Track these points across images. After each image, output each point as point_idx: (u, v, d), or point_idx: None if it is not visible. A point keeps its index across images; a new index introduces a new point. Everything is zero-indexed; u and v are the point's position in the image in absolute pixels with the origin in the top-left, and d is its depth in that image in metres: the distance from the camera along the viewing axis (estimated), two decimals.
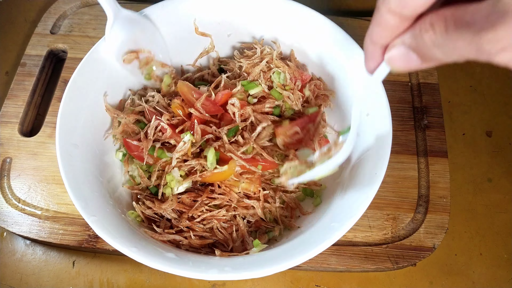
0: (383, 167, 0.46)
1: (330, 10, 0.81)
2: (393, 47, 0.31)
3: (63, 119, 0.50)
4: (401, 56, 0.31)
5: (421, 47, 0.29)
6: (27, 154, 0.63)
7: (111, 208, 0.49)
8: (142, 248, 0.43)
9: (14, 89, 0.68)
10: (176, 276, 0.57)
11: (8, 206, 0.59)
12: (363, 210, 0.43)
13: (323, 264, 0.56)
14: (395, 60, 0.32)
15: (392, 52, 0.32)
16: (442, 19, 0.26)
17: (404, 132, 0.65)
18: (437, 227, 0.58)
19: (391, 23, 0.30)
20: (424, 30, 0.28)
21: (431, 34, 0.27)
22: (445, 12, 0.26)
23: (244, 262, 0.44)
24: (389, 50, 0.32)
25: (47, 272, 0.59)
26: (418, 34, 0.29)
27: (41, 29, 0.74)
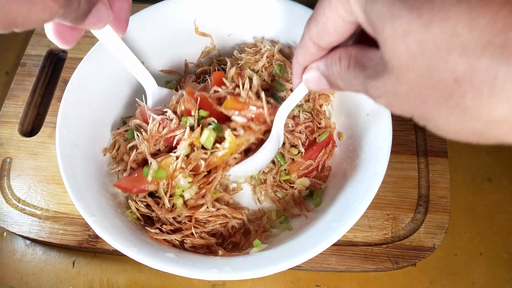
0: (383, 167, 0.46)
1: None
2: (310, 69, 0.37)
3: (63, 119, 0.50)
4: (314, 79, 0.36)
5: (330, 76, 0.34)
6: (27, 154, 0.63)
7: (111, 208, 0.49)
8: (142, 248, 0.43)
9: (14, 89, 0.68)
10: (176, 276, 0.57)
11: (8, 206, 0.59)
12: (363, 210, 0.43)
13: (323, 264, 0.56)
14: (309, 81, 0.37)
15: (308, 74, 0.37)
16: (347, 56, 0.31)
17: (404, 132, 0.65)
18: (437, 227, 0.58)
19: (311, 50, 0.35)
20: (333, 62, 0.33)
21: (338, 67, 0.33)
22: (352, 50, 0.31)
23: (244, 262, 0.44)
24: (306, 72, 0.38)
25: (47, 272, 0.59)
26: (329, 64, 0.34)
27: (41, 29, 0.74)
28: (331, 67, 0.34)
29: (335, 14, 0.29)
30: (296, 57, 0.38)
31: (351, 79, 0.31)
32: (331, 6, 0.29)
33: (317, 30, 0.32)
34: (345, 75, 0.32)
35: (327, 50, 0.34)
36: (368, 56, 0.29)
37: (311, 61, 0.36)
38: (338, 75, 0.33)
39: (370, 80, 0.28)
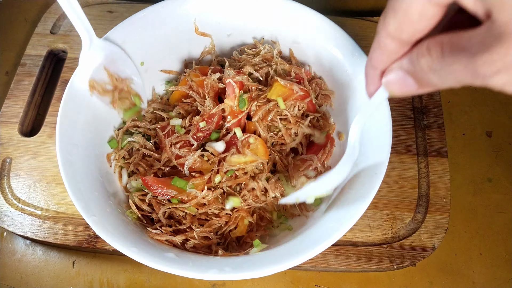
0: (383, 167, 0.46)
1: (330, 10, 0.80)
2: (391, 71, 0.32)
3: (63, 119, 0.50)
4: (398, 80, 0.31)
5: (417, 72, 0.29)
6: (27, 154, 0.63)
7: (111, 208, 0.49)
8: (142, 248, 0.43)
9: (14, 89, 0.68)
10: (176, 276, 0.57)
11: (8, 206, 0.59)
12: (363, 210, 0.44)
13: (323, 264, 0.56)
14: (392, 84, 0.32)
15: (390, 76, 0.32)
16: (438, 44, 0.27)
17: (404, 132, 0.65)
18: (437, 227, 0.58)
19: (389, 48, 0.30)
20: (420, 54, 0.28)
21: (428, 58, 0.28)
22: (442, 37, 0.27)
23: (244, 262, 0.44)
24: (386, 74, 0.32)
25: (47, 272, 0.59)
26: (415, 59, 0.29)
27: (41, 29, 0.74)
28: (418, 61, 0.28)
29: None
30: (370, 61, 0.33)
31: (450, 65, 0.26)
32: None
33: (397, 21, 0.28)
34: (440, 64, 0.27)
35: (409, 45, 0.30)
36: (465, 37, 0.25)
37: (389, 63, 0.32)
38: (429, 68, 0.28)
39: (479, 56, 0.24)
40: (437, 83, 0.28)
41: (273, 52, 0.60)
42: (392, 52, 0.31)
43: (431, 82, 0.29)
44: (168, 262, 0.41)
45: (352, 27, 0.74)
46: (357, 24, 0.75)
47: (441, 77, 0.27)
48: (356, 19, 0.75)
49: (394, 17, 0.28)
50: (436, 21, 0.27)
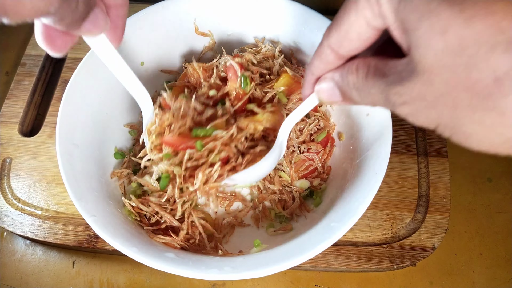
0: (383, 167, 0.46)
1: (330, 10, 0.80)
2: (324, 80, 0.35)
3: (63, 119, 0.50)
4: (327, 89, 0.35)
5: (344, 86, 0.33)
6: (27, 154, 0.63)
7: (111, 208, 0.49)
8: (142, 248, 0.43)
9: (14, 89, 0.68)
10: (176, 276, 0.57)
11: (8, 206, 0.59)
12: (363, 210, 0.43)
13: (323, 264, 0.56)
14: (322, 92, 0.36)
15: (321, 85, 0.35)
16: (366, 66, 0.30)
17: (404, 132, 0.65)
18: (437, 227, 0.58)
19: (328, 58, 0.33)
20: (350, 72, 0.31)
21: (354, 77, 0.31)
22: (370, 60, 0.30)
23: (244, 262, 0.44)
24: (319, 82, 0.36)
25: (47, 272, 0.59)
26: (345, 74, 0.32)
27: None
28: (346, 77, 0.32)
29: (361, 17, 0.28)
30: (310, 66, 0.36)
31: (369, 88, 0.29)
32: (358, 9, 0.28)
33: (338, 36, 0.31)
34: (362, 84, 0.30)
35: (345, 59, 0.33)
36: (389, 65, 0.28)
37: (325, 71, 0.35)
38: (353, 86, 0.31)
39: (393, 86, 0.27)
40: (357, 100, 0.32)
41: (274, 50, 0.60)
42: (329, 62, 0.34)
43: (353, 98, 0.32)
44: (168, 262, 0.41)
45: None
46: None
47: (361, 96, 0.31)
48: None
49: (336, 32, 0.31)
50: (370, 42, 0.30)
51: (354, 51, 0.31)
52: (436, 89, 0.24)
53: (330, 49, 0.32)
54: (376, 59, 0.29)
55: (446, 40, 0.22)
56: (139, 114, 0.62)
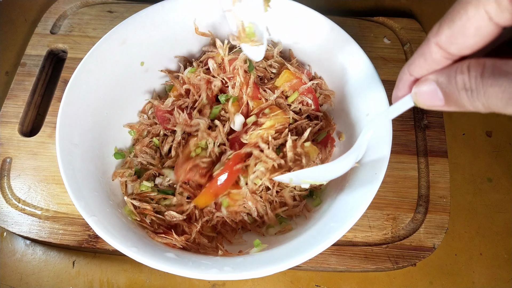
0: (383, 167, 0.46)
1: (330, 10, 0.81)
2: (425, 81, 0.31)
3: (63, 119, 0.50)
4: (428, 92, 0.31)
5: (450, 88, 0.29)
6: (27, 154, 0.63)
7: (111, 208, 0.49)
8: (142, 248, 0.43)
9: (14, 89, 0.68)
10: (176, 276, 0.57)
11: (8, 206, 0.59)
12: (363, 210, 0.43)
13: (323, 264, 0.56)
14: (423, 95, 0.32)
15: (422, 87, 0.32)
16: (480, 65, 0.27)
17: (404, 132, 0.65)
18: (437, 227, 0.58)
19: (434, 57, 0.30)
20: (459, 71, 0.28)
21: (465, 76, 0.27)
22: (485, 60, 0.27)
23: (244, 262, 0.44)
24: (419, 84, 0.32)
25: (47, 272, 0.59)
26: (453, 75, 0.29)
27: (41, 29, 0.74)
28: (455, 78, 0.28)
29: (482, 11, 0.25)
30: (408, 66, 0.33)
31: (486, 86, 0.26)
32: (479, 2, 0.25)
33: (451, 31, 0.28)
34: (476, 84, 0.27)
35: (454, 59, 0.30)
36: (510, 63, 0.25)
37: (428, 72, 0.31)
38: (463, 86, 0.28)
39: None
40: (465, 103, 0.28)
41: (273, 51, 0.60)
42: (434, 62, 0.30)
43: (460, 101, 0.29)
44: (168, 262, 0.41)
45: (352, 27, 0.74)
46: (357, 24, 0.75)
47: (472, 98, 0.27)
48: (356, 19, 0.75)
49: (449, 27, 0.28)
50: (488, 40, 0.27)
51: (468, 50, 0.28)
52: None
53: (438, 46, 0.29)
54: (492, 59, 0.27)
55: None
56: (138, 114, 0.62)
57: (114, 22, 0.69)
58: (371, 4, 0.83)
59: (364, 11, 0.82)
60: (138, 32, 0.58)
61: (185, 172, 0.53)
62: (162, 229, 0.51)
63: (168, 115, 0.58)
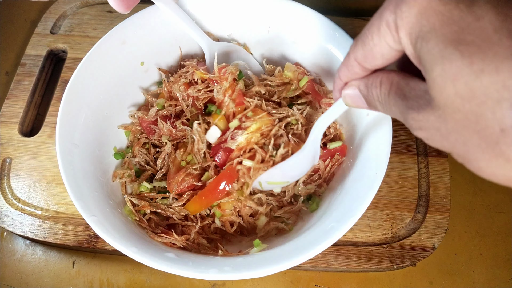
0: (383, 167, 0.46)
1: (330, 10, 0.80)
2: (350, 86, 0.38)
3: (63, 119, 0.50)
4: (353, 96, 0.38)
5: (368, 97, 0.36)
6: (27, 154, 0.63)
7: (111, 208, 0.49)
8: (142, 248, 0.43)
9: (14, 89, 0.68)
10: (176, 276, 0.57)
11: (8, 206, 0.59)
12: (363, 210, 0.43)
13: (323, 264, 0.56)
14: (348, 97, 0.39)
15: (348, 91, 0.38)
16: (389, 82, 0.32)
17: (404, 132, 0.65)
18: (437, 227, 0.58)
19: (354, 69, 0.35)
20: (374, 85, 0.34)
21: (378, 91, 0.34)
22: (394, 76, 0.32)
23: (244, 262, 0.44)
24: (346, 87, 0.39)
25: (47, 272, 0.59)
26: (369, 86, 0.35)
27: (41, 29, 0.74)
28: (371, 90, 0.35)
29: (383, 41, 0.30)
30: (338, 72, 0.39)
31: (391, 105, 0.32)
32: (380, 33, 0.30)
33: (363, 52, 0.32)
34: (385, 100, 0.33)
35: (370, 71, 0.35)
36: (410, 85, 0.30)
37: (352, 78, 0.37)
38: (377, 99, 0.34)
39: (411, 111, 0.29)
40: (381, 111, 0.34)
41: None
42: (355, 73, 0.36)
43: (377, 108, 0.35)
44: (168, 262, 0.41)
45: (352, 27, 0.74)
46: (357, 24, 0.75)
47: (383, 108, 0.34)
48: (356, 19, 0.75)
49: (362, 48, 0.33)
50: (393, 60, 0.32)
51: (379, 66, 0.33)
52: (449, 126, 0.26)
53: (356, 62, 0.34)
54: (399, 75, 0.31)
55: (457, 87, 0.24)
56: (128, 116, 0.61)
57: (114, 22, 0.69)
58: (371, 4, 0.83)
59: (364, 11, 0.82)
60: (138, 32, 0.58)
61: (178, 184, 0.53)
62: (162, 229, 0.52)
63: (153, 126, 0.58)
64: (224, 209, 0.53)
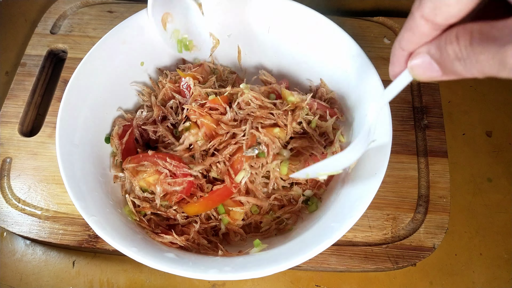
0: (383, 167, 0.46)
1: (330, 10, 0.81)
2: (418, 55, 0.32)
3: (63, 119, 0.50)
4: (424, 65, 0.31)
5: (444, 59, 0.29)
6: (27, 154, 0.63)
7: (111, 208, 0.49)
8: (142, 248, 0.43)
9: (14, 89, 0.68)
10: (176, 276, 0.57)
11: (8, 206, 0.59)
12: (363, 210, 0.43)
13: (323, 264, 0.56)
14: (417, 68, 0.32)
15: (416, 60, 0.32)
16: (468, 32, 0.27)
17: (404, 132, 0.65)
18: (437, 227, 0.58)
19: (422, 29, 0.30)
20: (449, 41, 0.28)
21: (455, 46, 0.28)
22: (472, 26, 0.27)
23: (244, 262, 0.44)
24: (413, 58, 0.32)
25: (47, 272, 0.59)
26: (443, 45, 0.29)
27: (41, 29, 0.74)
28: (445, 49, 0.29)
29: None
30: (399, 41, 0.33)
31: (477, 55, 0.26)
32: None
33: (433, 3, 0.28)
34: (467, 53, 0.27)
35: (442, 29, 0.29)
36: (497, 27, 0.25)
37: (418, 45, 0.32)
38: (455, 56, 0.28)
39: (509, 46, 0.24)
40: (461, 72, 0.28)
41: None
42: (423, 34, 0.30)
43: (456, 71, 0.29)
44: (168, 262, 0.41)
45: (352, 27, 0.74)
46: (357, 24, 0.75)
47: (466, 66, 0.27)
48: (356, 19, 0.76)
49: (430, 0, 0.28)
50: (472, 6, 0.27)
51: (453, 18, 0.28)
52: None
53: (424, 19, 0.29)
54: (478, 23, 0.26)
55: None
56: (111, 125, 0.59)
57: (114, 22, 0.69)
58: (371, 4, 0.83)
59: (364, 11, 0.82)
60: (138, 32, 0.58)
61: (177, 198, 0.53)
62: (161, 229, 0.51)
63: None
64: (235, 218, 0.53)
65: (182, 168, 0.51)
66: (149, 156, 0.52)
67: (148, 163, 0.52)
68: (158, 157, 0.52)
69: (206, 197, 0.52)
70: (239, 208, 0.53)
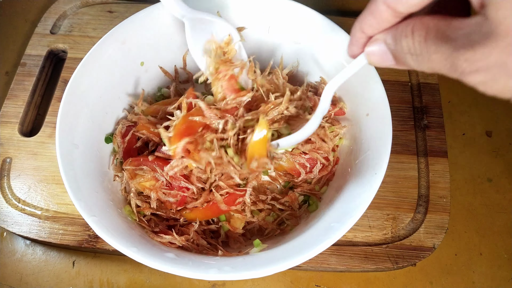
0: (383, 167, 0.46)
1: (330, 10, 0.81)
2: (375, 41, 0.32)
3: (63, 119, 0.50)
4: (379, 53, 0.32)
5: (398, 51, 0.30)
6: (27, 154, 0.63)
7: (111, 208, 0.49)
8: (142, 248, 0.43)
9: (14, 89, 0.68)
10: (176, 276, 0.57)
11: (8, 206, 0.59)
12: (363, 210, 0.43)
13: (323, 264, 0.56)
14: (373, 55, 0.33)
15: (372, 48, 0.33)
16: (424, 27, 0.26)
17: (404, 132, 0.65)
18: (437, 227, 0.58)
19: (383, 15, 0.30)
20: (404, 34, 0.28)
21: (409, 40, 0.28)
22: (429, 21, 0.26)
23: (244, 262, 0.44)
24: (370, 44, 0.33)
25: (47, 272, 0.59)
26: (398, 37, 0.29)
27: (41, 29, 0.74)
28: (400, 42, 0.29)
29: None
30: (360, 23, 0.33)
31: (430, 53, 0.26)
32: None
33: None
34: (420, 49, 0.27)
35: (402, 17, 0.29)
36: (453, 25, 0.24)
37: (378, 30, 0.32)
38: (408, 51, 0.28)
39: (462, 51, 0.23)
40: (413, 66, 0.29)
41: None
42: (384, 20, 0.30)
43: (408, 64, 0.29)
44: (168, 262, 0.41)
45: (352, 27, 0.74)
46: None
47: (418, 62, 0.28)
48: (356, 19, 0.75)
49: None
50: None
51: (414, 7, 0.28)
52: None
53: (386, 5, 0.29)
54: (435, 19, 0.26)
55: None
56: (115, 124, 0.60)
57: (114, 22, 0.69)
58: None
59: None
60: (138, 32, 0.58)
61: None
62: (161, 229, 0.51)
63: None
64: (235, 227, 0.53)
65: (179, 180, 0.51)
66: (149, 162, 0.52)
67: (147, 168, 0.52)
68: (157, 164, 0.51)
69: (205, 207, 0.52)
70: (240, 215, 0.53)
